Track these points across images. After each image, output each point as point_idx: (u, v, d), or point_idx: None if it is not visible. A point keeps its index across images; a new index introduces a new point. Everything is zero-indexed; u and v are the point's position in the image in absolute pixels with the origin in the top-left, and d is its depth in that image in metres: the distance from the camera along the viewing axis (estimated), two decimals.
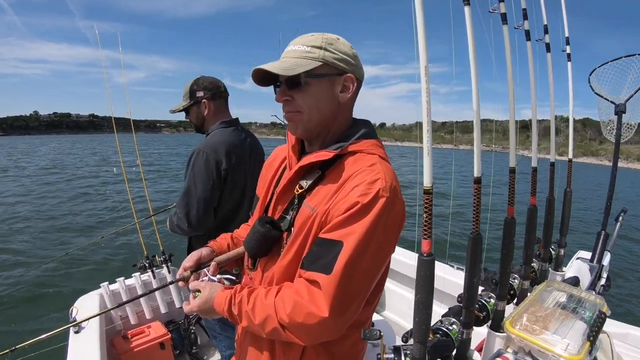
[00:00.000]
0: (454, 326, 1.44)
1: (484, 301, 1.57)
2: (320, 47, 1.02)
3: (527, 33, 1.54)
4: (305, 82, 1.02)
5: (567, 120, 2.21)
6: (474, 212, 1.30)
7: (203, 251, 1.26)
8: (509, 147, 1.49)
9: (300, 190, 1.09)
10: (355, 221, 0.92)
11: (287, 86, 1.04)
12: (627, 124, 2.48)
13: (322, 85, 1.04)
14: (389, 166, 1.05)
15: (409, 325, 2.79)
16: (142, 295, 1.57)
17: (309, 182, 1.08)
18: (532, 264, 1.79)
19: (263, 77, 1.06)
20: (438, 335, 1.38)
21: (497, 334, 1.57)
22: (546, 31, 1.70)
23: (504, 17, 1.42)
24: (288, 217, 1.10)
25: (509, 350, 1.49)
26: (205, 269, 1.21)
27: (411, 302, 2.89)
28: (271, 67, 0.99)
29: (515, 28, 1.52)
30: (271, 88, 1.10)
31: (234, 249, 1.32)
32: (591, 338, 1.43)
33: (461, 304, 1.47)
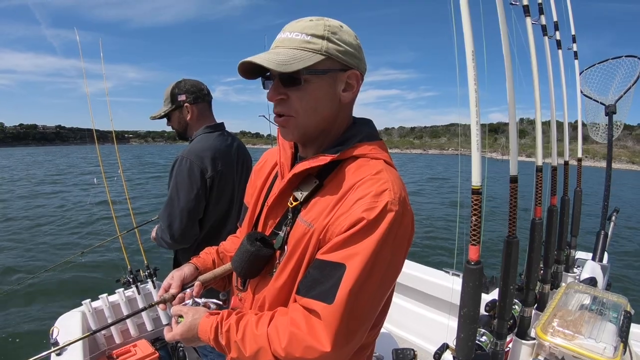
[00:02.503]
0: (485, 337, 1.30)
1: None
2: (322, 37, 0.82)
3: (544, 28, 1.44)
4: (304, 80, 0.82)
5: (532, 122, 2.14)
6: (511, 213, 1.16)
7: (185, 269, 1.07)
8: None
9: (294, 203, 0.91)
10: (360, 240, 0.76)
11: (282, 83, 0.84)
12: (614, 123, 2.46)
13: (323, 83, 0.84)
14: (396, 173, 0.87)
15: (408, 336, 2.65)
16: (127, 317, 1.34)
17: (305, 193, 0.89)
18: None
19: (250, 69, 0.86)
20: None
21: (524, 341, 1.44)
22: (557, 28, 1.61)
23: (526, 10, 1.31)
24: (281, 234, 0.93)
25: (540, 357, 1.37)
26: (188, 290, 1.02)
27: (408, 311, 2.78)
28: (263, 60, 0.80)
29: (533, 24, 1.41)
30: (241, 92, 0.87)
31: (220, 265, 1.13)
32: (623, 339, 1.33)
33: (489, 314, 1.33)
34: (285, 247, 0.90)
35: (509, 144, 1.18)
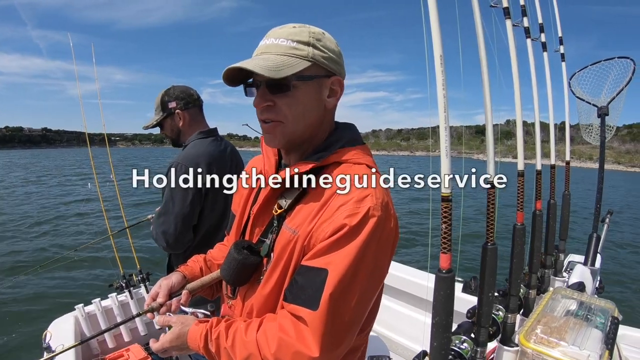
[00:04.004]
0: (466, 344, 1.27)
1: (492, 314, 1.41)
2: (308, 44, 0.83)
3: (527, 30, 1.41)
4: (293, 86, 0.82)
5: (526, 124, 2.10)
6: (488, 219, 1.13)
7: (173, 278, 1.06)
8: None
9: (279, 211, 0.91)
10: (342, 246, 0.76)
11: (269, 89, 0.83)
12: (607, 125, 2.42)
13: (310, 89, 0.85)
14: (378, 177, 0.87)
15: (394, 336, 2.62)
16: (116, 325, 1.34)
17: (289, 200, 0.90)
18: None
19: (233, 76, 0.85)
20: (450, 357, 1.21)
21: (507, 348, 1.41)
22: (542, 30, 1.58)
23: (506, 12, 1.28)
24: (267, 241, 0.93)
25: None
26: (175, 299, 1.03)
27: (395, 312, 2.74)
28: (254, 65, 0.79)
29: (514, 25, 1.39)
30: (228, 95, 0.86)
31: (208, 273, 1.13)
32: (609, 346, 1.30)
33: (471, 320, 1.31)
34: (272, 254, 0.90)
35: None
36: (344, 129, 0.95)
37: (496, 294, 1.48)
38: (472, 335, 1.30)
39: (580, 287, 1.62)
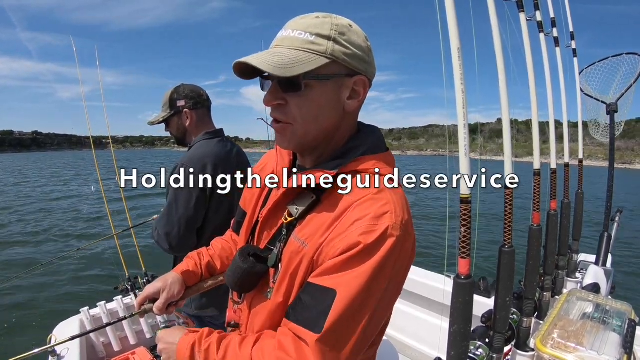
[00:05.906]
0: (481, 350, 1.20)
1: None
2: (328, 37, 0.72)
3: (540, 24, 1.34)
4: (305, 85, 0.72)
5: (518, 123, 2.02)
6: (506, 221, 1.06)
7: (175, 290, 1.02)
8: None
9: (289, 219, 0.83)
10: (355, 266, 0.68)
11: (281, 87, 0.74)
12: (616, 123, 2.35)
13: (326, 90, 0.75)
14: (400, 192, 0.78)
15: (405, 339, 2.55)
16: (122, 319, 1.31)
17: (301, 208, 0.81)
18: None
19: (246, 69, 0.76)
20: None
21: (523, 353, 1.34)
22: (554, 24, 1.51)
23: (520, 5, 1.21)
24: (275, 250, 0.85)
25: None
26: (172, 306, 1.03)
27: (406, 314, 2.68)
28: (261, 62, 0.70)
29: (527, 20, 1.32)
30: (220, 96, 0.78)
31: (207, 277, 1.10)
32: (627, 350, 1.24)
33: (485, 325, 1.24)
34: (280, 265, 0.82)
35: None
36: (366, 133, 0.85)
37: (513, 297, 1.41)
38: (487, 341, 1.23)
39: (595, 288, 1.55)
